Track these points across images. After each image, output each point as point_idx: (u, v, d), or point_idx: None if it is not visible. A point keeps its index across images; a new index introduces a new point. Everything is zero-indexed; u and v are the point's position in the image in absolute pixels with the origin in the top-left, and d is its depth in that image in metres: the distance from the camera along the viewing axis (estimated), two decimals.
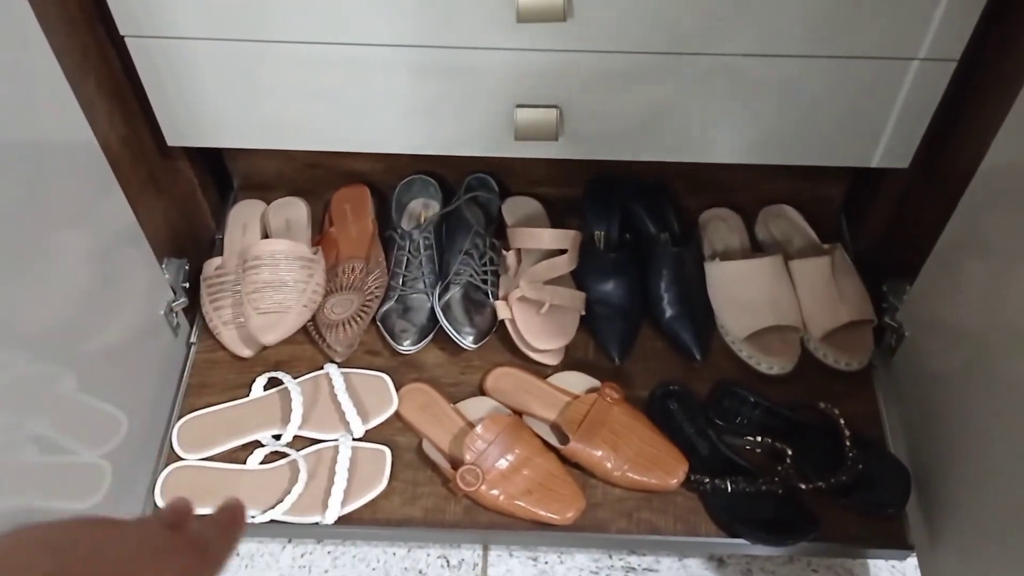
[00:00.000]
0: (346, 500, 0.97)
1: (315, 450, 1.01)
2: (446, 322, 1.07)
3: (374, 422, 1.03)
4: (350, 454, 0.99)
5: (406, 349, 1.08)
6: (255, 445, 1.02)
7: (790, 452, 0.99)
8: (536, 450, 0.98)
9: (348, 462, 0.98)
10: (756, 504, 0.96)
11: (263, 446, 1.02)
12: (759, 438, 1.01)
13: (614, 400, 1.01)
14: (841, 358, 1.06)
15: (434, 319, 1.09)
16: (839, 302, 1.07)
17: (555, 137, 0.95)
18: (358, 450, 1.00)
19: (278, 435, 1.02)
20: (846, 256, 1.12)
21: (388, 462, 1.00)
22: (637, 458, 0.97)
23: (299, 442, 1.02)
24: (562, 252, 1.11)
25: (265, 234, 1.19)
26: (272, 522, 0.96)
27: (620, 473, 0.97)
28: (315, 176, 1.21)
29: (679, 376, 1.07)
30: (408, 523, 0.97)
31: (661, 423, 1.02)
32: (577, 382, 1.05)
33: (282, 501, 0.96)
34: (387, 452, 1.01)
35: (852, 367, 1.06)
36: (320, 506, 0.97)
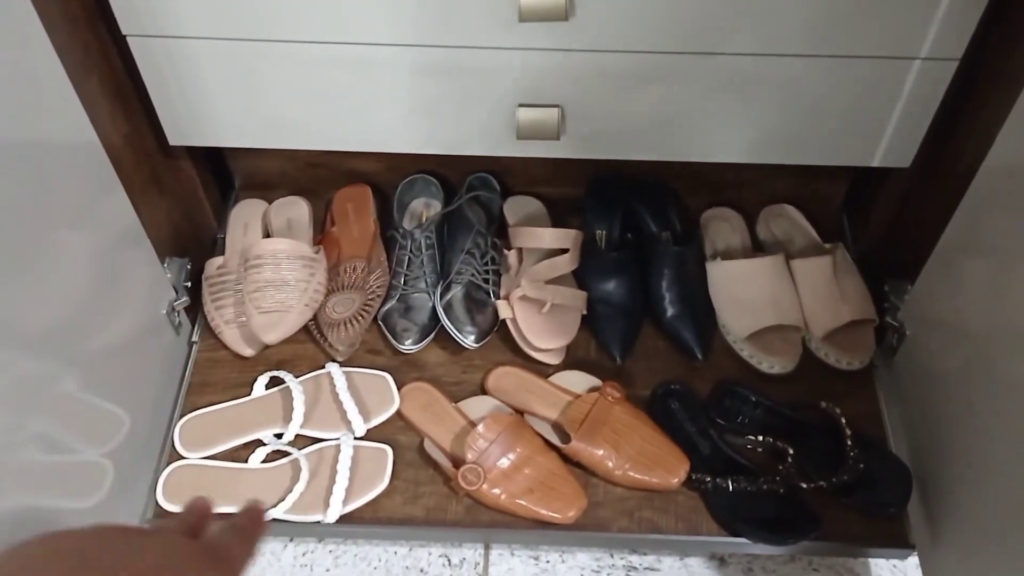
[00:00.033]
0: (348, 499, 0.97)
1: (317, 449, 1.01)
2: (447, 321, 1.07)
3: (376, 421, 1.03)
4: (352, 453, 0.99)
5: (408, 348, 1.08)
6: (257, 444, 1.02)
7: (791, 451, 0.99)
8: (537, 449, 0.98)
9: (350, 461, 0.98)
10: (757, 503, 0.96)
11: (265, 445, 1.02)
12: (760, 437, 1.01)
13: (615, 399, 1.01)
14: (842, 357, 1.06)
15: (436, 318, 1.09)
16: (840, 301, 1.07)
17: (557, 136, 0.95)
18: (360, 449, 1.00)
19: (280, 434, 1.02)
20: (847, 255, 1.12)
21: (390, 461, 1.00)
22: (638, 457, 0.97)
23: (301, 441, 1.02)
24: (563, 251, 1.11)
25: (267, 233, 1.19)
26: (274, 521, 0.96)
27: (621, 472, 0.97)
28: (317, 175, 1.21)
29: (680, 375, 1.07)
30: (410, 522, 0.97)
31: (662, 422, 1.02)
32: (578, 381, 1.05)
33: (284, 500, 0.96)
34: (389, 451, 1.01)
35: (853, 366, 1.06)
36: (322, 505, 0.97)
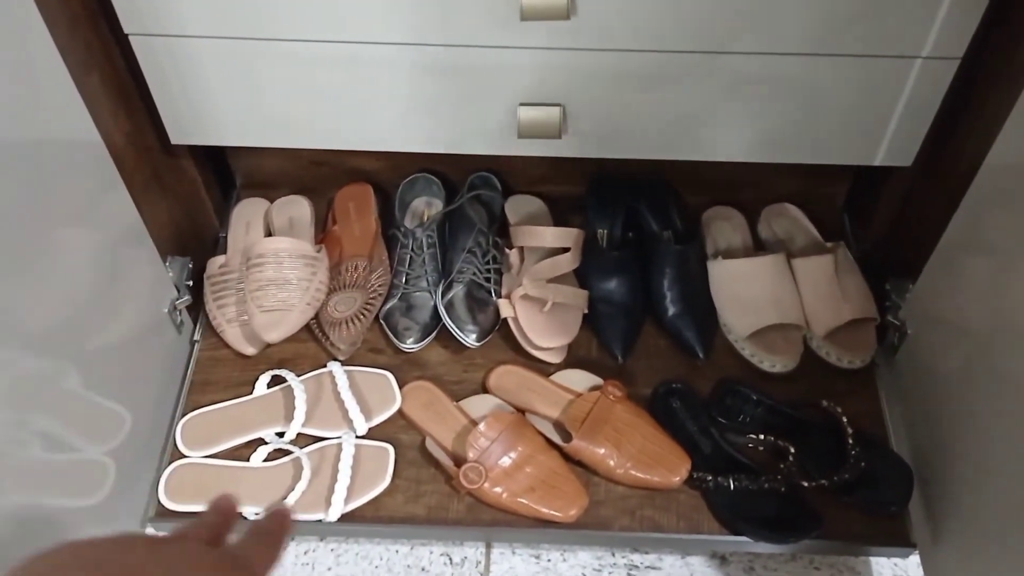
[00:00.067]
0: (349, 498, 0.97)
1: (318, 448, 1.01)
2: (449, 320, 1.07)
3: (377, 420, 1.03)
4: (353, 452, 0.99)
5: (409, 347, 1.08)
6: (258, 443, 1.02)
7: (793, 450, 0.99)
8: (539, 448, 0.98)
9: (351, 460, 0.98)
10: (759, 502, 0.96)
11: (266, 444, 1.02)
12: (762, 436, 1.01)
13: (617, 398, 1.01)
14: (844, 356, 1.06)
15: (437, 317, 1.09)
16: (842, 300, 1.07)
17: (558, 135, 0.95)
18: (361, 448, 1.01)
19: (281, 433, 1.02)
20: (849, 254, 1.12)
21: (391, 460, 1.00)
22: (640, 456, 0.97)
23: (302, 440, 1.02)
24: (565, 250, 1.11)
25: (268, 232, 1.19)
26: None
27: (623, 471, 0.97)
28: (318, 174, 1.21)
29: (682, 374, 1.07)
30: (411, 521, 0.97)
31: (664, 421, 1.02)
32: (580, 380, 1.06)
33: (285, 499, 0.95)
34: (390, 450, 1.01)
35: (855, 365, 1.06)
36: (323, 503, 0.97)
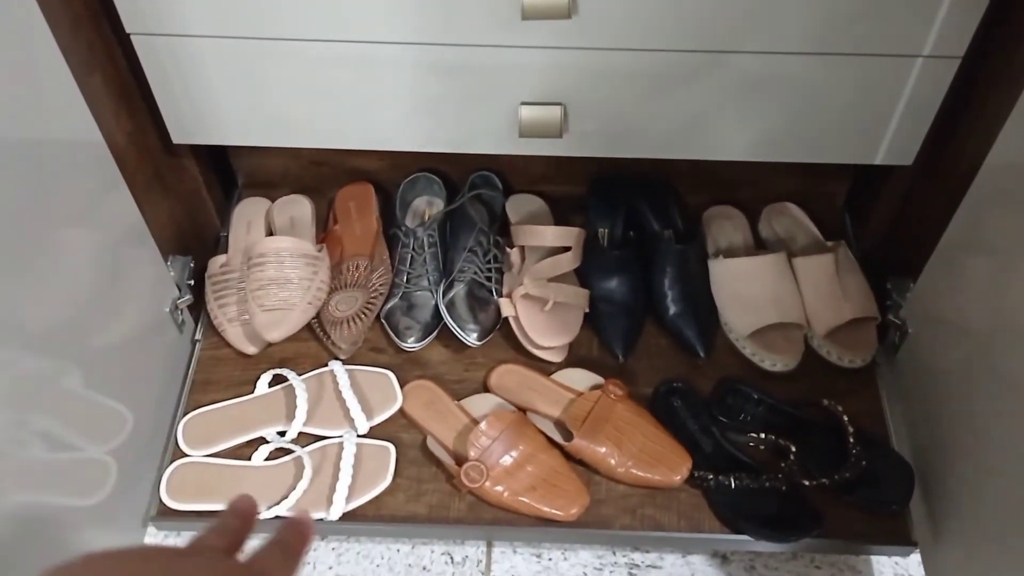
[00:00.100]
0: (350, 497, 0.97)
1: (320, 447, 1.01)
2: (450, 319, 1.07)
3: (378, 419, 1.04)
4: (354, 451, 0.99)
5: (410, 346, 1.08)
6: (260, 442, 1.02)
7: (794, 449, 0.99)
8: (540, 447, 0.98)
9: (352, 459, 0.98)
10: (760, 501, 0.96)
11: (268, 443, 1.02)
12: (763, 435, 1.01)
13: (618, 397, 1.01)
14: (845, 355, 1.06)
15: (438, 316, 1.09)
16: (843, 299, 1.07)
17: (559, 134, 0.95)
18: (362, 447, 1.01)
19: (283, 432, 1.03)
20: (850, 253, 1.12)
21: (392, 459, 1.00)
22: (641, 455, 0.97)
23: (304, 439, 1.02)
24: (566, 249, 1.11)
25: (269, 232, 1.19)
26: (277, 518, 0.96)
27: (624, 470, 0.97)
28: (319, 174, 1.21)
29: (683, 373, 1.07)
30: (412, 519, 0.98)
31: (665, 420, 1.02)
32: (581, 379, 1.06)
33: (287, 497, 0.96)
34: (391, 449, 1.01)
35: (856, 364, 1.06)
36: (325, 502, 0.97)
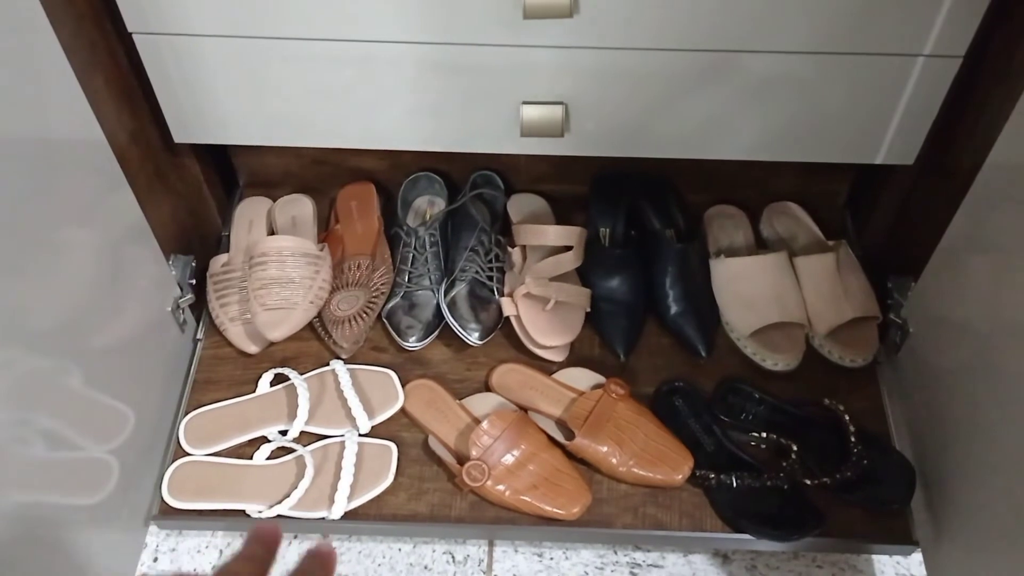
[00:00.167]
0: (352, 495, 0.97)
1: (321, 446, 1.01)
2: (452, 318, 1.07)
3: (380, 418, 1.04)
4: (356, 450, 0.99)
5: (412, 345, 1.08)
6: (262, 441, 1.02)
7: (795, 448, 0.99)
8: (542, 446, 0.98)
9: (354, 458, 0.98)
10: (761, 500, 0.96)
11: (269, 442, 1.02)
12: (764, 434, 1.01)
13: (619, 396, 1.01)
14: (846, 354, 1.06)
15: (440, 316, 1.09)
16: (844, 299, 1.07)
17: (561, 134, 0.95)
18: (364, 446, 1.01)
19: (284, 431, 1.03)
20: (851, 253, 1.12)
21: (394, 458, 1.00)
22: (642, 454, 0.97)
23: (305, 438, 1.02)
24: (567, 249, 1.11)
25: (271, 231, 1.19)
26: (278, 517, 0.96)
27: (625, 469, 0.97)
28: (321, 173, 1.22)
29: (684, 372, 1.07)
30: (414, 519, 0.98)
31: (666, 419, 1.02)
32: (582, 378, 1.06)
33: (288, 496, 0.96)
34: (393, 448, 1.01)
35: (857, 363, 1.06)
36: (326, 501, 0.97)
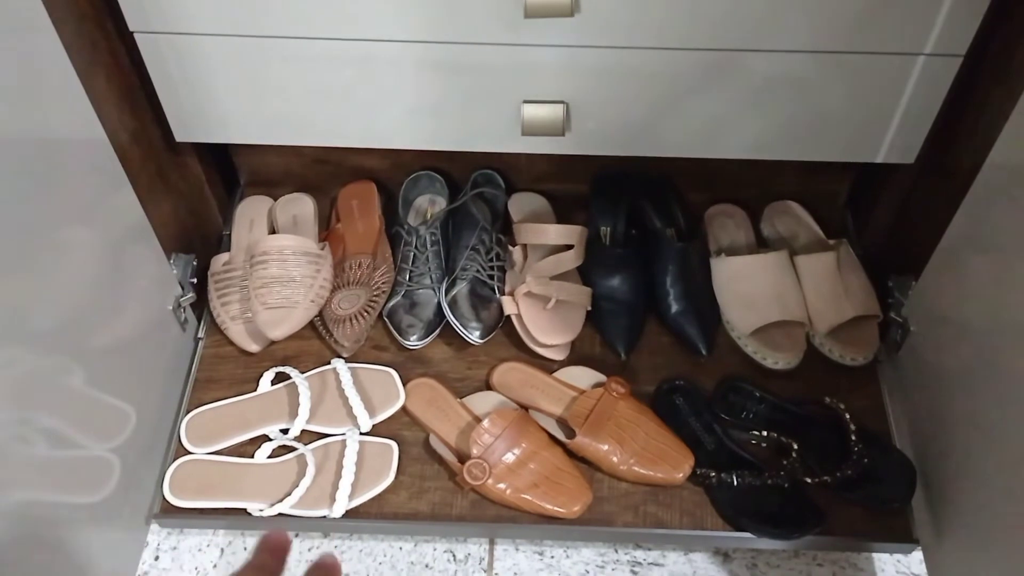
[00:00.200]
0: (353, 494, 0.97)
1: (322, 444, 1.01)
2: (453, 317, 1.07)
3: (381, 417, 1.04)
4: (357, 448, 0.99)
5: (413, 344, 1.08)
6: (263, 439, 1.02)
7: (795, 446, 0.99)
8: (542, 444, 0.99)
9: (355, 456, 0.98)
10: (762, 498, 0.96)
11: (271, 440, 1.02)
12: (765, 432, 1.01)
13: (620, 395, 1.01)
14: (846, 353, 1.06)
15: (441, 314, 1.09)
16: (844, 298, 1.07)
17: (562, 133, 0.95)
18: (365, 444, 1.01)
19: (286, 429, 1.03)
20: (851, 252, 1.12)
21: (395, 456, 1.00)
22: (643, 452, 0.97)
23: (306, 436, 1.02)
24: (568, 248, 1.11)
25: (272, 230, 1.19)
26: (280, 516, 0.96)
27: (626, 467, 0.97)
28: (322, 172, 1.22)
29: (685, 371, 1.07)
30: (415, 517, 0.98)
31: (667, 418, 1.02)
32: (583, 377, 1.06)
33: (290, 495, 0.96)
34: (394, 446, 1.01)
35: (857, 362, 1.06)
36: (327, 500, 0.97)
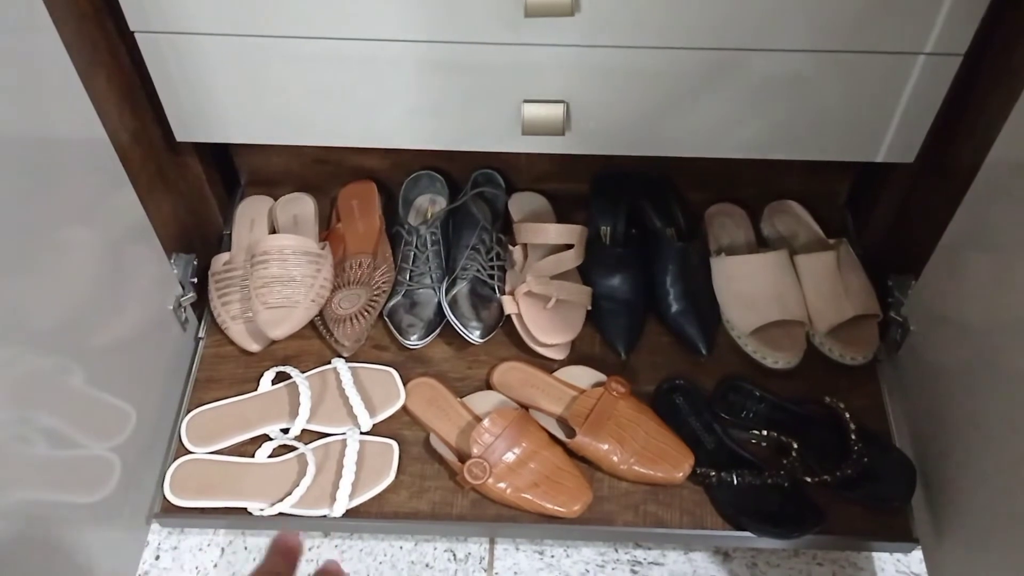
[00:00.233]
0: (354, 493, 0.97)
1: (323, 444, 1.01)
2: (453, 317, 1.07)
3: (381, 416, 1.04)
4: (358, 448, 0.99)
5: (413, 344, 1.08)
6: (263, 439, 1.03)
7: (795, 446, 0.99)
8: (543, 443, 0.99)
9: (356, 456, 0.98)
10: (762, 497, 0.96)
11: (271, 440, 1.02)
12: (764, 432, 1.01)
13: (620, 394, 1.01)
14: (846, 353, 1.06)
15: (441, 314, 1.09)
16: (844, 297, 1.07)
17: (562, 132, 0.95)
18: (366, 444, 1.01)
19: (286, 429, 1.03)
20: (851, 251, 1.12)
21: (395, 456, 1.00)
22: (643, 451, 0.97)
23: (307, 436, 1.03)
24: (568, 247, 1.11)
25: (272, 230, 1.19)
26: (280, 515, 0.96)
27: (626, 466, 0.97)
28: (322, 172, 1.22)
29: (685, 370, 1.07)
30: (415, 516, 0.98)
31: (667, 417, 1.02)
32: (583, 376, 1.06)
33: (290, 494, 0.96)
34: (394, 446, 1.01)
35: (857, 361, 1.06)
36: (328, 499, 0.97)
